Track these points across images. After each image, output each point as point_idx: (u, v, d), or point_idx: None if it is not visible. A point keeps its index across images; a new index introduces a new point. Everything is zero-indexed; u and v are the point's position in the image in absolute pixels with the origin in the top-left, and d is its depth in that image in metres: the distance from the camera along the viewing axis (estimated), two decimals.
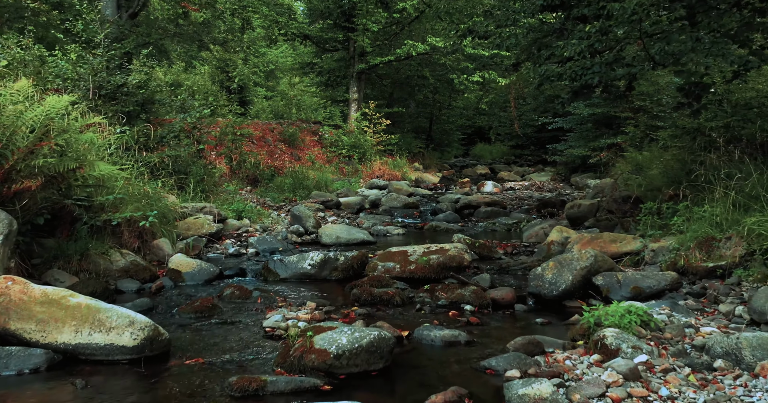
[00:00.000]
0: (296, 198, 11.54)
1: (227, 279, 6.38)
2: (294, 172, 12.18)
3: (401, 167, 18.78)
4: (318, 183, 13.02)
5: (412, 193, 14.09)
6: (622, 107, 16.51)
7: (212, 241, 7.64)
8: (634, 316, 3.81)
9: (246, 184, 11.29)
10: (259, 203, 10.27)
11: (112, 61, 8.41)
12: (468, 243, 7.58)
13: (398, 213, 11.46)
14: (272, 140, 18.45)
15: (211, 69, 30.85)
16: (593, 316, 3.99)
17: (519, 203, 12.72)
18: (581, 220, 9.27)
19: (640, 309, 3.88)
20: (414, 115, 25.25)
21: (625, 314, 3.82)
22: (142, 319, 3.87)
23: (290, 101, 30.92)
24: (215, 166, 9.86)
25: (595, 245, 6.70)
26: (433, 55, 19.49)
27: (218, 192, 8.98)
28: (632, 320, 3.79)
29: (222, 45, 15.24)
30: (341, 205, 11.48)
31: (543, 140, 26.45)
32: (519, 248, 8.03)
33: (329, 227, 8.39)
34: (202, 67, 30.45)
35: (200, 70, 30.24)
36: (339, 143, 19.06)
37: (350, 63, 20.83)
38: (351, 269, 6.45)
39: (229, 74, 30.87)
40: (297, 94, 32.48)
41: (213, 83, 29.71)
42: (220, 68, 31.29)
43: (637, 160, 14.00)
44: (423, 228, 10.23)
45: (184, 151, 8.53)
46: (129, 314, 3.85)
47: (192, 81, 27.61)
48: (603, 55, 7.05)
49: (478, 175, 21.55)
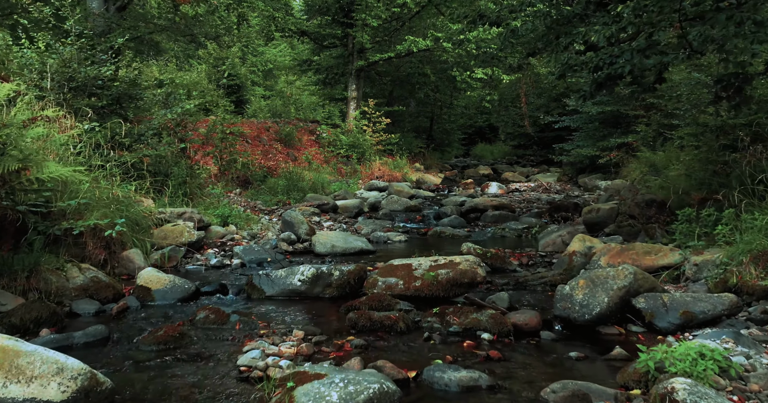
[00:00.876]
0: (290, 201, 10.65)
1: (205, 297, 5.49)
2: (288, 174, 11.29)
3: (401, 168, 17.89)
4: (314, 185, 12.13)
5: (413, 195, 13.19)
6: (632, 105, 15.63)
7: (192, 251, 6.74)
8: (710, 362, 2.91)
9: (236, 186, 10.41)
10: (248, 207, 9.37)
11: (84, 51, 7.50)
12: (479, 253, 6.69)
13: (399, 217, 10.57)
14: (267, 140, 17.56)
15: (207, 67, 30.02)
16: (653, 359, 3.10)
17: (528, 206, 11.84)
18: (600, 226, 8.38)
19: (716, 352, 2.98)
20: (414, 115, 24.36)
21: (698, 359, 2.93)
22: (75, 365, 2.97)
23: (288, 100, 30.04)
24: (201, 166, 8.96)
25: (626, 257, 5.81)
26: (435, 51, 18.59)
27: (203, 195, 8.08)
28: (708, 367, 2.89)
29: (214, 40, 14.33)
30: (338, 208, 10.59)
31: (546, 140, 25.58)
32: (535, 259, 7.14)
33: (324, 235, 7.49)
34: (199, 66, 29.63)
35: (197, 68, 29.42)
36: (337, 143, 18.17)
37: (349, 60, 19.94)
38: (347, 285, 5.55)
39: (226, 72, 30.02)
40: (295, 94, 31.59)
41: (209, 82, 28.86)
42: (216, 67, 30.46)
43: (651, 161, 13.13)
44: (427, 234, 9.35)
45: (164, 150, 7.63)
46: (57, 359, 2.95)
47: (187, 79, 26.79)
48: (634, 41, 6.15)
49: (480, 175, 20.68)
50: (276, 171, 12.02)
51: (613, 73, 6.40)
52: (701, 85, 11.09)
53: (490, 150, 30.87)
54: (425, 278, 5.40)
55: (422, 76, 20.65)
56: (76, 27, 7.72)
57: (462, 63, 18.15)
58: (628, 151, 15.25)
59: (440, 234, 9.18)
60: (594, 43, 6.42)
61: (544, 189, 15.25)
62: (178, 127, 8.60)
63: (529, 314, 4.60)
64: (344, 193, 11.92)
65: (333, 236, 7.47)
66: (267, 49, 36.60)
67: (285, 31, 20.07)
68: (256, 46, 36.87)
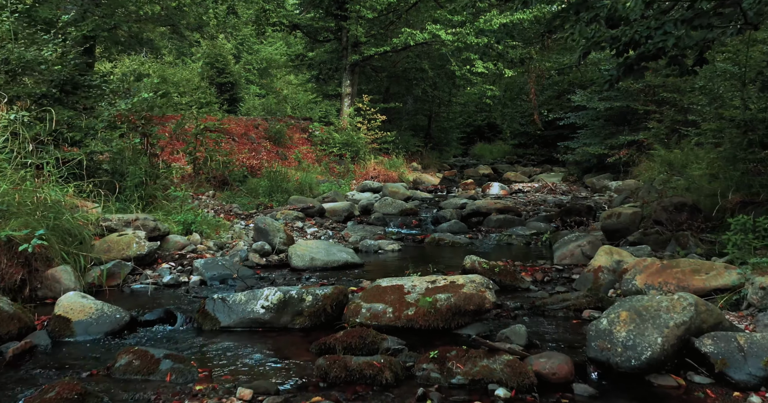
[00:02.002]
0: (272, 204, 9.47)
1: (144, 328, 4.31)
2: (272, 173, 10.10)
3: (398, 167, 16.71)
4: (301, 185, 10.95)
5: (409, 196, 12.01)
6: (642, 100, 14.46)
7: (143, 265, 5.56)
8: None
9: (212, 187, 9.22)
10: (222, 211, 8.18)
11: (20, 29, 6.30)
12: (485, 268, 5.51)
13: (394, 222, 9.39)
14: (256, 137, 16.38)
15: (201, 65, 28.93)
16: None
17: (534, 208, 10.65)
18: (621, 233, 7.22)
19: None
20: (412, 112, 23.15)
21: None
22: None
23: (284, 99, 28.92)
24: (169, 165, 7.78)
25: (669, 275, 4.63)
26: (433, 44, 17.39)
27: (166, 198, 6.89)
28: None
29: (197, 30, 13.16)
30: (325, 212, 9.40)
31: (548, 139, 24.40)
32: (551, 274, 5.96)
33: (303, 245, 6.30)
34: (193, 64, 28.55)
35: (190, 65, 28.33)
36: (330, 141, 16.98)
37: (343, 54, 18.73)
38: (322, 313, 4.37)
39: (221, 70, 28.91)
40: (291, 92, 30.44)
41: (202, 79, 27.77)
42: (210, 64, 29.35)
43: (667, 159, 11.95)
44: (424, 241, 8.17)
45: (116, 145, 6.45)
46: None
47: (179, 76, 25.70)
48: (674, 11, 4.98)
49: (480, 175, 19.51)
50: (260, 171, 10.82)
51: (646, 52, 5.23)
52: (726, 76, 9.91)
53: (489, 149, 29.71)
54: (420, 305, 4.22)
55: (419, 71, 19.44)
56: (12, 1, 6.53)
57: (462, 57, 16.94)
58: (638, 149, 14.09)
59: (439, 242, 8.01)
60: (622, 16, 5.24)
61: (549, 190, 14.07)
62: (141, 121, 7.41)
63: (556, 359, 3.41)
64: (334, 195, 10.74)
65: (313, 246, 6.28)
66: (263, 47, 35.48)
67: (277, 25, 18.86)
68: (252, 43, 35.77)
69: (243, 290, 5.12)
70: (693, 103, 12.52)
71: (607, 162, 14.36)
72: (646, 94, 14.48)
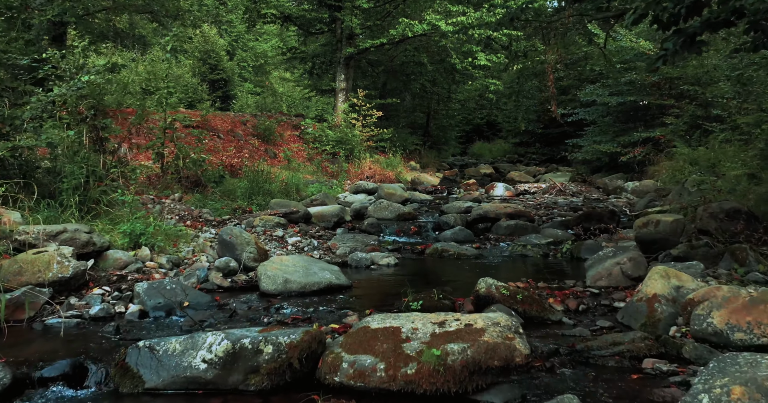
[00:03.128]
0: (252, 208, 8.18)
1: (37, 391, 3.02)
2: (253, 173, 8.81)
3: (395, 167, 15.43)
4: (287, 187, 9.66)
5: (407, 198, 10.73)
6: (657, 94, 13.20)
7: (67, 291, 4.27)
8: None
9: (183, 188, 7.93)
10: (190, 217, 6.88)
11: None
12: (505, 294, 4.24)
13: (390, 229, 8.11)
14: (243, 134, 15.09)
15: (193, 61, 27.67)
16: None
17: (547, 213, 9.38)
18: (660, 245, 5.95)
19: None
20: (410, 110, 21.87)
21: None
22: None
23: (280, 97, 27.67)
24: (126, 163, 6.48)
25: (764, 314, 3.35)
26: (432, 36, 16.11)
27: (114, 203, 5.59)
28: None
29: (175, 19, 11.87)
30: (312, 217, 8.11)
31: (551, 137, 23.14)
32: (585, 299, 4.68)
33: (276, 262, 5.01)
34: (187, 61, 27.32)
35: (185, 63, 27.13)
36: (323, 138, 15.70)
37: (337, 47, 17.45)
38: (287, 369, 3.08)
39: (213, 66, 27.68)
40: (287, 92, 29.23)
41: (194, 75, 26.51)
42: (202, 60, 28.09)
43: (691, 158, 10.70)
44: (424, 252, 6.90)
45: (45, 138, 5.16)
46: None
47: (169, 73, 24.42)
48: None
49: (482, 175, 18.25)
50: (242, 170, 9.52)
51: (716, 17, 3.96)
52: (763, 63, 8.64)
53: (488, 148, 28.49)
54: (425, 361, 2.95)
55: (418, 65, 18.17)
56: None
57: (463, 49, 15.66)
58: (654, 147, 12.84)
59: (442, 253, 6.73)
60: None
61: (558, 191, 12.81)
62: (90, 111, 6.12)
63: None
64: (323, 198, 9.45)
65: (290, 263, 4.99)
66: (258, 44, 34.21)
67: (268, 16, 17.55)
68: (246, 40, 34.48)
69: (190, 328, 3.85)
70: (717, 96, 11.27)
71: (619, 161, 13.09)
72: (660, 88, 13.23)
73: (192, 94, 24.45)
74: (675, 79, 12.67)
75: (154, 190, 7.47)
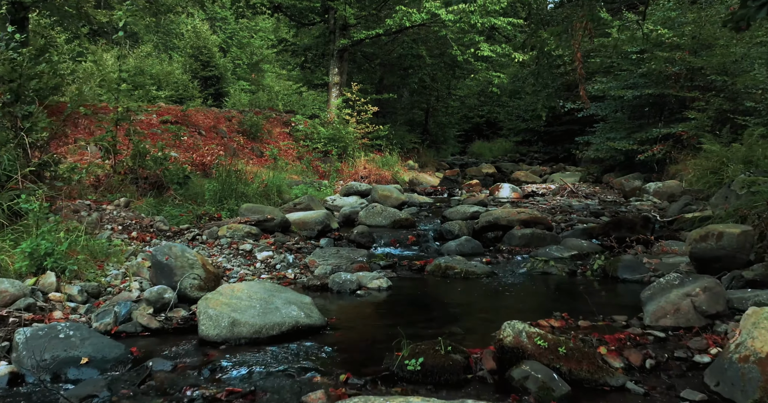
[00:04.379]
0: (221, 214, 6.80)
1: None
2: (226, 173, 7.43)
3: (392, 166, 14.05)
4: (267, 189, 8.28)
5: (405, 202, 9.35)
6: (678, 86, 11.83)
7: None
8: None
9: (139, 191, 6.55)
10: (138, 227, 5.49)
11: None
12: (541, 347, 2.89)
13: (384, 239, 6.75)
14: (227, 131, 13.70)
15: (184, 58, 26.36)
16: None
17: (566, 219, 8.00)
18: (726, 263, 4.59)
19: None
20: (407, 107, 20.46)
21: None
22: None
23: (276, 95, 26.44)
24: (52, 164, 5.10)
25: None
26: (431, 26, 14.72)
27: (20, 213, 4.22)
28: None
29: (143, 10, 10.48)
30: (290, 225, 6.73)
31: (555, 135, 21.79)
32: (648, 346, 3.30)
33: (226, 292, 3.62)
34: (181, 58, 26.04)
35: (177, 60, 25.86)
36: (314, 136, 14.31)
37: (330, 39, 16.06)
38: None
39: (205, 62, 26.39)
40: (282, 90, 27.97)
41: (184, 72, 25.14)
42: (194, 56, 26.76)
43: (723, 155, 9.34)
44: (425, 269, 5.54)
45: None
46: None
47: (157, 68, 23.12)
48: None
49: (484, 175, 16.87)
50: (214, 170, 8.14)
51: None
52: None
53: (488, 147, 27.13)
54: None
55: (416, 58, 16.76)
56: None
57: (465, 39, 14.27)
58: (675, 144, 11.47)
59: (446, 271, 5.37)
60: None
61: (570, 193, 11.44)
62: (7, 96, 4.76)
63: None
64: (308, 201, 8.07)
65: (244, 294, 3.61)
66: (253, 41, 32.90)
67: (257, 7, 16.15)
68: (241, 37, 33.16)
69: None
70: (750, 87, 9.91)
71: (636, 160, 11.71)
72: (679, 80, 11.85)
73: (182, 91, 23.17)
74: (699, 70, 11.30)
75: (101, 193, 6.09)
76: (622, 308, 4.11)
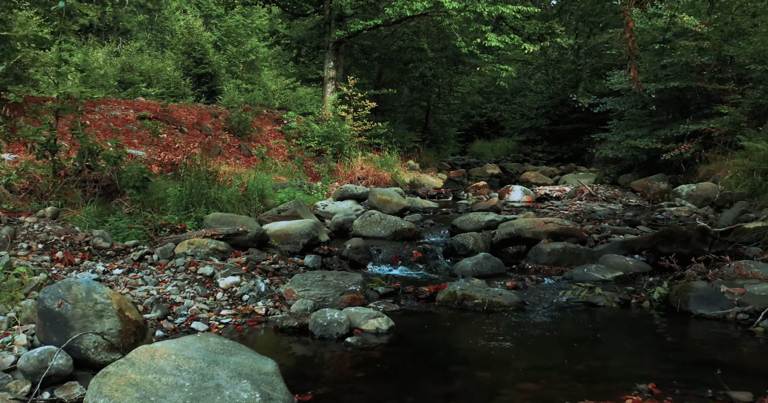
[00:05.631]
0: (185, 224, 5.48)
1: None
2: (196, 174, 6.12)
3: (391, 166, 12.74)
4: (248, 193, 6.95)
5: (406, 207, 8.03)
6: (707, 78, 10.53)
7: None
8: None
9: (85, 198, 5.23)
10: (65, 246, 4.17)
11: None
12: None
13: (382, 254, 5.44)
14: (212, 128, 12.38)
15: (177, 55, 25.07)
16: None
17: (596, 229, 6.65)
18: None
19: None
20: (407, 104, 19.12)
21: None
22: None
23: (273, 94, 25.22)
24: None
25: None
26: (434, 16, 13.41)
27: None
28: None
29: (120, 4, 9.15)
30: (269, 239, 5.41)
31: (561, 134, 20.45)
32: None
33: (140, 362, 2.31)
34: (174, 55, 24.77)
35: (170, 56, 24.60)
36: (307, 133, 13.00)
37: (325, 30, 14.73)
38: None
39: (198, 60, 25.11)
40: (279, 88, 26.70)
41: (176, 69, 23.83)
42: (186, 53, 25.47)
43: None
44: (435, 298, 4.23)
45: None
46: None
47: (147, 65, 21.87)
48: None
49: (489, 175, 15.58)
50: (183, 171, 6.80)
51: None
52: None
53: (490, 147, 25.85)
54: None
55: (417, 51, 15.43)
56: None
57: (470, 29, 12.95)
58: (705, 141, 10.16)
59: (463, 301, 4.07)
60: None
61: (589, 196, 10.14)
62: None
63: None
64: (295, 207, 6.74)
65: (168, 365, 2.30)
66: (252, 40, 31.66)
67: None
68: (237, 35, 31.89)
69: None
70: None
71: (662, 159, 10.39)
72: (707, 71, 10.55)
73: (174, 89, 21.94)
74: (730, 60, 10.00)
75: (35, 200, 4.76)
76: (728, 370, 2.80)
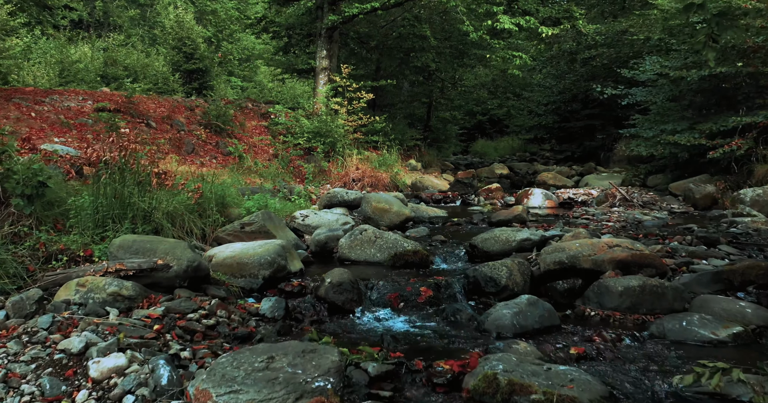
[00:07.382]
0: (91, 250, 3.70)
1: None
2: (120, 177, 4.36)
3: (390, 166, 10.94)
4: (203, 201, 5.15)
5: (409, 217, 6.20)
6: (759, 63, 8.74)
7: None
8: None
9: None
10: None
11: None
12: None
13: (378, 291, 3.65)
14: (186, 123, 10.58)
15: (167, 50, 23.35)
16: None
17: (664, 249, 4.83)
18: None
19: None
20: (407, 100, 17.32)
21: None
22: None
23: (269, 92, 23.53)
24: None
25: None
26: None
27: None
28: None
29: None
30: (210, 273, 3.60)
31: (572, 131, 18.63)
32: None
33: None
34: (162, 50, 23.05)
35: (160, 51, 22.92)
36: (296, 129, 11.22)
37: (317, 15, 12.94)
38: None
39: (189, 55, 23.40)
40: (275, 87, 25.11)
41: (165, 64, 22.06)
42: (176, 48, 23.71)
43: None
44: (461, 383, 2.43)
45: None
46: None
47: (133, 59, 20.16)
48: None
49: (498, 176, 13.84)
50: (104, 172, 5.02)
51: None
52: None
53: (493, 146, 24.07)
54: None
55: (419, 39, 13.61)
56: None
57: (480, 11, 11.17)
58: (759, 136, 8.38)
59: (510, 397, 2.26)
60: None
61: (623, 201, 8.35)
62: None
63: None
64: (263, 221, 4.95)
65: None
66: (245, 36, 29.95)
67: None
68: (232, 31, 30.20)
69: None
70: None
71: (708, 157, 8.60)
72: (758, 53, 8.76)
73: (162, 84, 20.24)
74: None
75: None
76: None
